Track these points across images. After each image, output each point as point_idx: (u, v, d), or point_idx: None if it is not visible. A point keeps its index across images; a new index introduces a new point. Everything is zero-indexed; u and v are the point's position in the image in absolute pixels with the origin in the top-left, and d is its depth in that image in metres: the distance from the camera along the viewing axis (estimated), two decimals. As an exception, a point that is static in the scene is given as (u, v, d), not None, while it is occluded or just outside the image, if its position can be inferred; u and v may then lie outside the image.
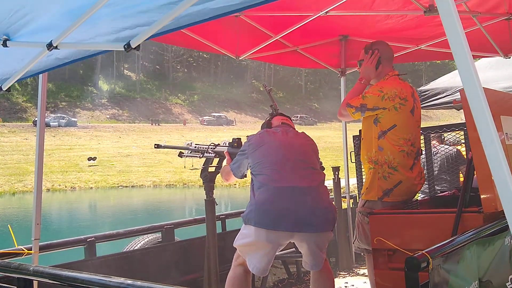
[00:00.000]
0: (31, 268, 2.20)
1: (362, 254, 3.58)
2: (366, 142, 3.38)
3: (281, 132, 3.23)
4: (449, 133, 5.21)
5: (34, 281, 2.24)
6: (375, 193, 3.30)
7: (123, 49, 1.67)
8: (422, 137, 5.12)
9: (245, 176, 3.32)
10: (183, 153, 3.92)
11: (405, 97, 3.29)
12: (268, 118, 3.51)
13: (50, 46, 1.91)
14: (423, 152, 4.45)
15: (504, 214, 1.30)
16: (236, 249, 3.14)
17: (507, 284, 2.36)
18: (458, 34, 1.34)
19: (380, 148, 3.27)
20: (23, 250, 3.10)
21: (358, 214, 3.41)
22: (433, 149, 5.62)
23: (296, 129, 3.42)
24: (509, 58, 4.89)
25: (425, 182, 5.39)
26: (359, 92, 3.38)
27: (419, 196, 5.26)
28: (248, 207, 3.00)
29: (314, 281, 3.18)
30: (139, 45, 1.66)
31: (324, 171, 3.33)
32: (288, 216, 2.87)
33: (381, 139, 3.26)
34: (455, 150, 5.83)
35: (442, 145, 5.88)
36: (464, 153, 5.68)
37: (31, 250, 3.08)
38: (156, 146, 3.84)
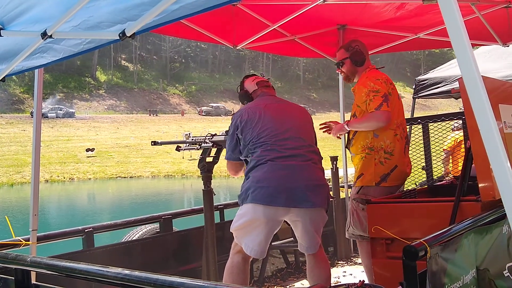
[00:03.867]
0: (29, 259, 2.19)
1: (355, 240, 3.61)
2: (361, 133, 3.45)
3: (273, 103, 3.16)
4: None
5: (31, 272, 2.24)
6: (371, 178, 3.39)
7: (118, 37, 1.66)
8: (420, 126, 5.15)
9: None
10: (180, 147, 3.92)
11: (391, 82, 3.49)
12: (239, 85, 3.38)
13: (44, 35, 1.89)
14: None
15: (502, 203, 1.29)
16: (234, 238, 3.14)
17: (504, 272, 2.36)
18: (457, 22, 1.32)
19: (376, 135, 3.38)
20: (20, 241, 3.09)
21: (352, 201, 3.45)
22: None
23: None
24: (508, 46, 4.87)
25: (424, 171, 5.40)
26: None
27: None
28: (244, 188, 2.98)
29: (310, 270, 3.17)
30: (134, 33, 1.64)
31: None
32: (285, 192, 2.86)
33: None
34: None
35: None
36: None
37: (28, 241, 3.07)
38: (153, 143, 3.84)
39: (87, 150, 32.50)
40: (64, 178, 26.45)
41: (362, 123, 3.41)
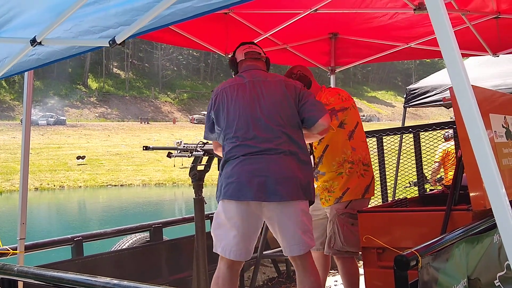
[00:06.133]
0: (16, 268, 2.17)
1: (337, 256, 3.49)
2: (333, 149, 3.43)
3: (248, 84, 2.93)
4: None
5: (18, 281, 2.21)
6: (358, 191, 3.38)
7: (108, 45, 1.65)
8: (411, 135, 5.18)
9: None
10: (172, 153, 3.90)
11: (351, 98, 3.55)
12: (231, 56, 3.21)
13: (34, 42, 1.87)
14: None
15: (492, 212, 1.29)
16: None
17: (495, 282, 2.36)
18: (447, 31, 1.33)
19: (353, 148, 3.41)
20: (8, 250, 3.05)
21: (340, 217, 3.36)
22: None
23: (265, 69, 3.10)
24: (498, 56, 4.92)
25: (415, 180, 5.43)
26: None
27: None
28: (218, 185, 2.88)
29: (299, 281, 2.99)
30: (124, 41, 1.64)
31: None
32: (255, 186, 2.72)
33: (351, 140, 3.42)
34: None
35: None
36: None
37: (16, 250, 3.04)
38: (144, 148, 3.81)
39: (78, 157, 32.30)
40: (54, 186, 26.24)
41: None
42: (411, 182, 5.64)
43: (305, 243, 2.84)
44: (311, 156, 3.44)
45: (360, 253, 3.31)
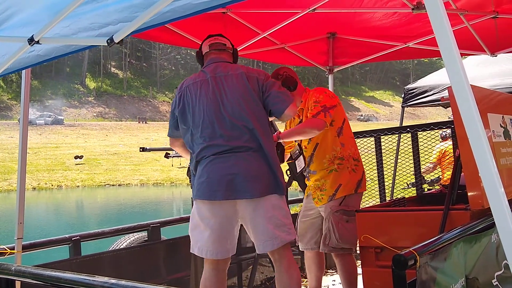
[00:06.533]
0: (13, 268, 2.16)
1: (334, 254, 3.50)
2: (323, 147, 3.47)
3: (210, 81, 2.87)
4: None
5: (16, 281, 2.20)
6: (351, 186, 3.42)
7: (106, 44, 1.64)
8: (409, 134, 5.19)
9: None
10: (169, 153, 3.89)
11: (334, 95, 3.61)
12: (198, 49, 3.19)
13: (31, 40, 1.87)
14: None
15: (490, 211, 1.29)
16: None
17: (493, 281, 2.37)
18: (446, 31, 1.33)
19: (342, 144, 3.45)
20: (5, 249, 3.04)
21: (334, 214, 3.37)
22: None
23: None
24: (496, 56, 4.93)
25: (413, 181, 5.43)
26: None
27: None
28: (192, 186, 2.89)
29: (278, 280, 2.87)
30: (122, 40, 1.63)
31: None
32: (224, 185, 2.71)
33: (341, 136, 3.47)
34: None
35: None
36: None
37: (13, 250, 3.03)
38: (141, 149, 3.81)
39: (76, 157, 32.26)
40: (52, 185, 26.22)
41: (295, 131, 3.35)
42: (408, 184, 5.64)
43: (279, 237, 2.76)
44: (301, 157, 3.45)
45: (356, 250, 3.32)
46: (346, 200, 3.38)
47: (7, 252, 3.03)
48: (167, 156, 3.88)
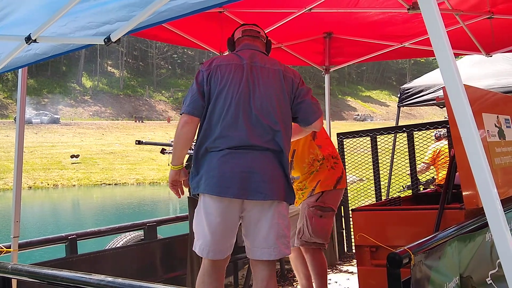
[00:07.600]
0: (10, 266, 2.16)
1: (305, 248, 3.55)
2: (300, 152, 3.52)
3: (245, 67, 2.67)
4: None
5: (12, 279, 2.21)
6: (329, 183, 3.47)
7: (103, 43, 1.65)
8: (405, 134, 5.21)
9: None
10: (165, 149, 3.89)
11: None
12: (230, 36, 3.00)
13: (29, 39, 1.87)
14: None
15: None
16: None
17: (487, 280, 2.38)
18: (440, 31, 1.34)
19: (319, 146, 3.53)
20: (1, 248, 3.05)
21: (309, 209, 3.45)
22: None
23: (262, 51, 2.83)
24: (491, 56, 4.95)
25: (408, 184, 5.46)
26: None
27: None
28: (194, 178, 2.68)
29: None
30: (119, 39, 1.64)
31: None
32: (237, 182, 2.53)
33: (316, 139, 3.53)
34: None
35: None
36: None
37: (10, 248, 3.03)
38: (137, 142, 3.82)
39: (72, 156, 32.17)
40: (48, 184, 26.13)
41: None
42: (404, 187, 5.66)
43: (278, 248, 2.61)
44: None
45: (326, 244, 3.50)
46: (324, 196, 3.45)
47: (4, 251, 3.03)
48: (163, 152, 3.87)
